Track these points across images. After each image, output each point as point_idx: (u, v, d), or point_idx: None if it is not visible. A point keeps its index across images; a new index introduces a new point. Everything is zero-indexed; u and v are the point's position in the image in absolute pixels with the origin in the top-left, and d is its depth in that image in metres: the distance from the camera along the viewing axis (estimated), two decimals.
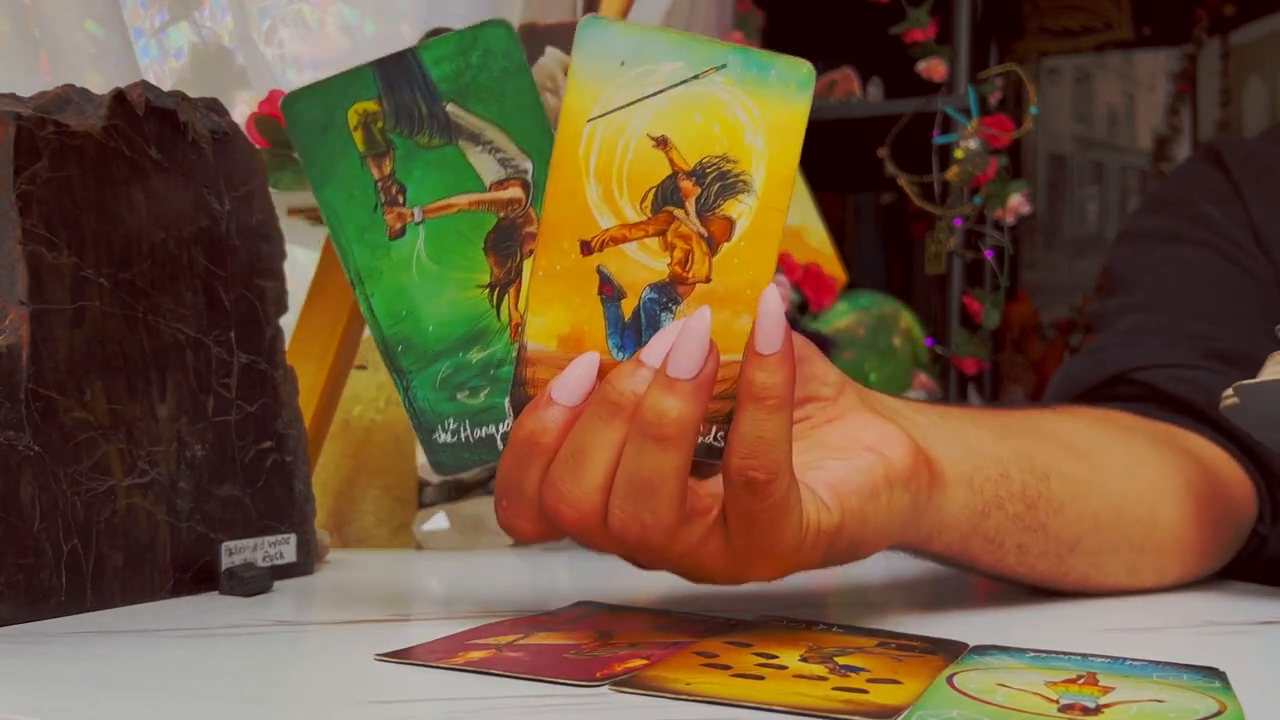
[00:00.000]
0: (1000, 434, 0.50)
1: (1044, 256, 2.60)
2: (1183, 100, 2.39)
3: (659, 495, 0.34)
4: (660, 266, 0.35)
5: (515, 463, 0.35)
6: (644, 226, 0.35)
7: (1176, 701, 0.33)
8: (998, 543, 0.47)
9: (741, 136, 0.35)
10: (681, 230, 0.35)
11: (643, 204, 0.35)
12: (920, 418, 0.46)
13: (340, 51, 0.90)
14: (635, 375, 0.34)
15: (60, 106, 0.41)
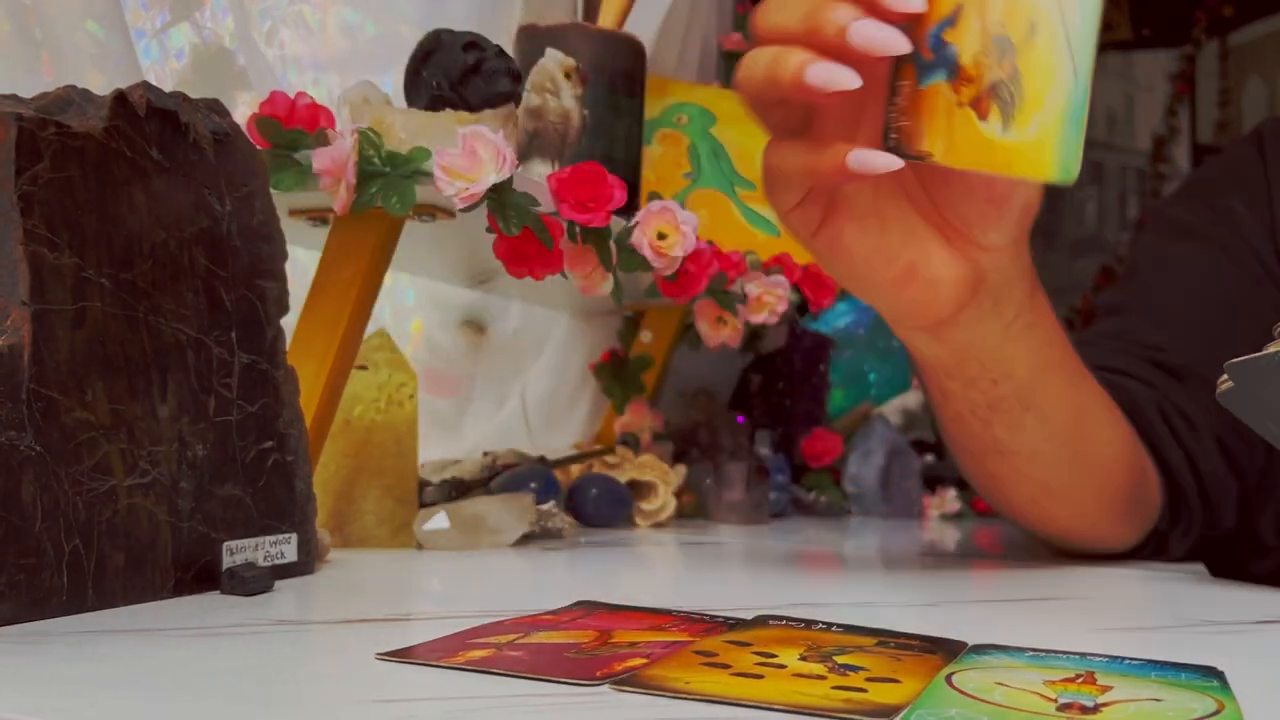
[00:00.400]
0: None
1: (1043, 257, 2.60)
2: (1181, 101, 2.39)
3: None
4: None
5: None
6: None
7: (1174, 701, 0.33)
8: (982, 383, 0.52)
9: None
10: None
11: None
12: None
13: (341, 52, 0.90)
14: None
15: (61, 107, 0.42)
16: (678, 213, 0.71)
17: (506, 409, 1.06)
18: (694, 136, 1.09)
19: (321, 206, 0.61)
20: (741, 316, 0.84)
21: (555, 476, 0.74)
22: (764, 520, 0.88)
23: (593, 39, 0.82)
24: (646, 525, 0.82)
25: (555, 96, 0.71)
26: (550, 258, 0.63)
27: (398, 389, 0.64)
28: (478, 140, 0.56)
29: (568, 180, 0.63)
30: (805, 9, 0.41)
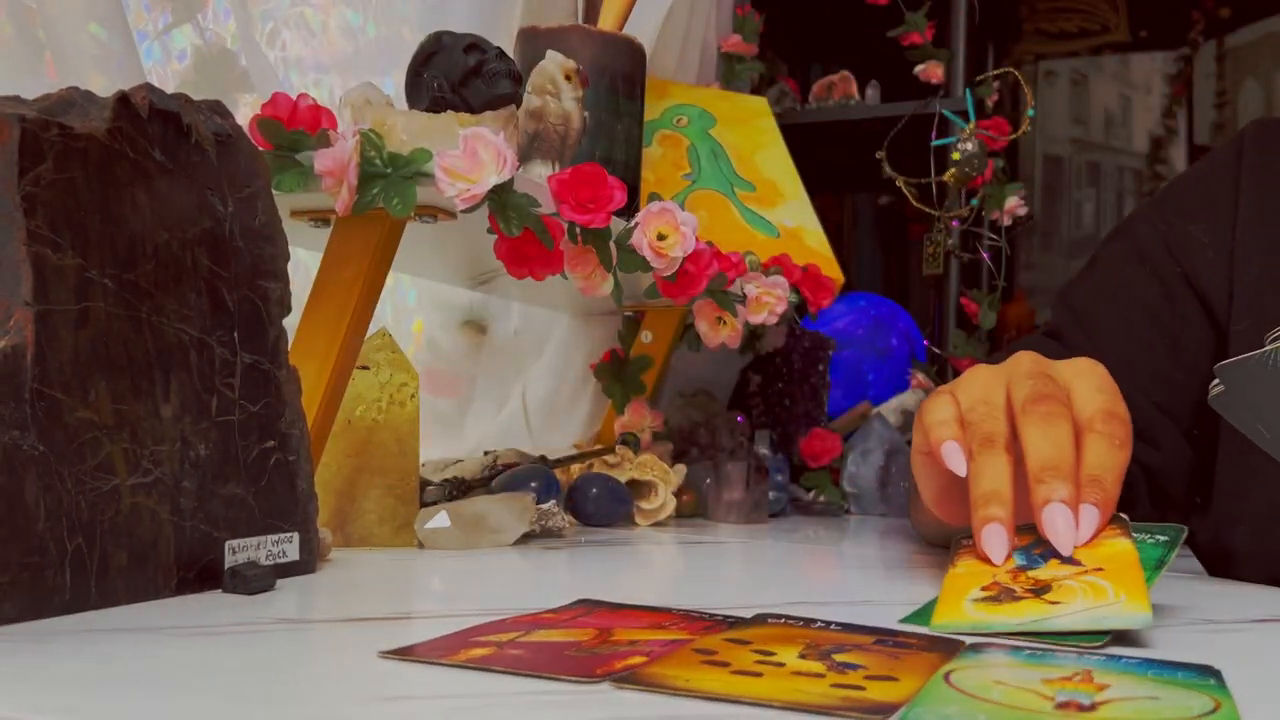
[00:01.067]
0: None
1: (1041, 258, 2.60)
2: (1178, 102, 2.39)
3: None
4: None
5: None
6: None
7: (1171, 699, 0.33)
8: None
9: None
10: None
11: None
12: None
13: (342, 54, 0.91)
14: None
15: (64, 109, 0.42)
16: (677, 214, 0.71)
17: (507, 409, 1.06)
18: (693, 138, 1.10)
19: (323, 207, 0.61)
20: (741, 317, 0.84)
21: (556, 476, 0.75)
22: (763, 519, 0.88)
23: (593, 41, 0.82)
24: (646, 524, 0.83)
25: (556, 98, 0.71)
26: (551, 258, 0.63)
27: (399, 389, 0.64)
28: (479, 142, 0.56)
29: (568, 181, 0.63)
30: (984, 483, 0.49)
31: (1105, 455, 0.48)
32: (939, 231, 1.19)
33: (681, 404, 1.06)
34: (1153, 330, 0.77)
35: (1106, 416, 0.49)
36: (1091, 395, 0.51)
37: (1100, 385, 0.51)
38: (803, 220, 1.08)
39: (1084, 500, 0.47)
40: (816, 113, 1.35)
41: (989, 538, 0.48)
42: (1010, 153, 1.62)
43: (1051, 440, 0.48)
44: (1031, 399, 0.49)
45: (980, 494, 0.48)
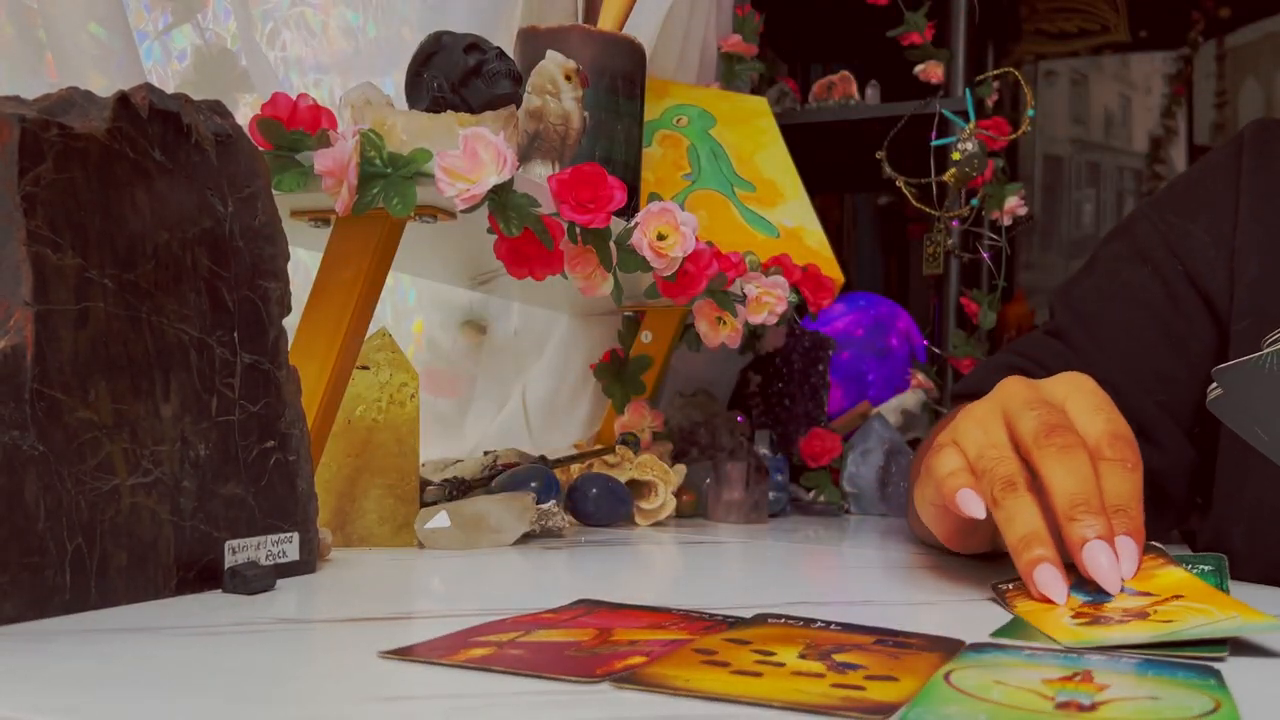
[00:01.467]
0: None
1: (1041, 257, 2.60)
2: (1178, 102, 2.39)
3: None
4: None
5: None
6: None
7: (1172, 699, 0.33)
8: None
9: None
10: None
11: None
12: None
13: (342, 54, 0.91)
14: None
15: (64, 109, 0.42)
16: (677, 214, 0.71)
17: (507, 409, 1.06)
18: (693, 138, 1.10)
19: (323, 207, 0.61)
20: (741, 317, 0.84)
21: (555, 476, 0.75)
22: (763, 519, 0.88)
23: (593, 41, 0.82)
24: (646, 524, 0.83)
25: (556, 98, 0.71)
26: (551, 258, 0.63)
27: (399, 389, 0.64)
28: (479, 142, 0.56)
29: (568, 181, 0.63)
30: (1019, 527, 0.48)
31: (1123, 482, 0.48)
32: (939, 231, 1.19)
33: (681, 404, 1.06)
34: (1156, 330, 0.77)
35: (1113, 440, 0.49)
36: (1091, 417, 0.50)
37: (1096, 404, 0.51)
38: (803, 220, 1.08)
39: (1116, 533, 0.46)
40: (816, 113, 1.35)
41: (1043, 579, 0.46)
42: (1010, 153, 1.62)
43: (1075, 473, 0.47)
44: (1043, 432, 0.49)
45: (1019, 538, 0.47)
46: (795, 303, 0.93)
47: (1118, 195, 2.55)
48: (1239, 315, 0.73)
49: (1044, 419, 0.49)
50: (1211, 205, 0.78)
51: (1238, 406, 0.53)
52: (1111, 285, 0.80)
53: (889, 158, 1.11)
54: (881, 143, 1.13)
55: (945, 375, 1.31)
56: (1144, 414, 0.76)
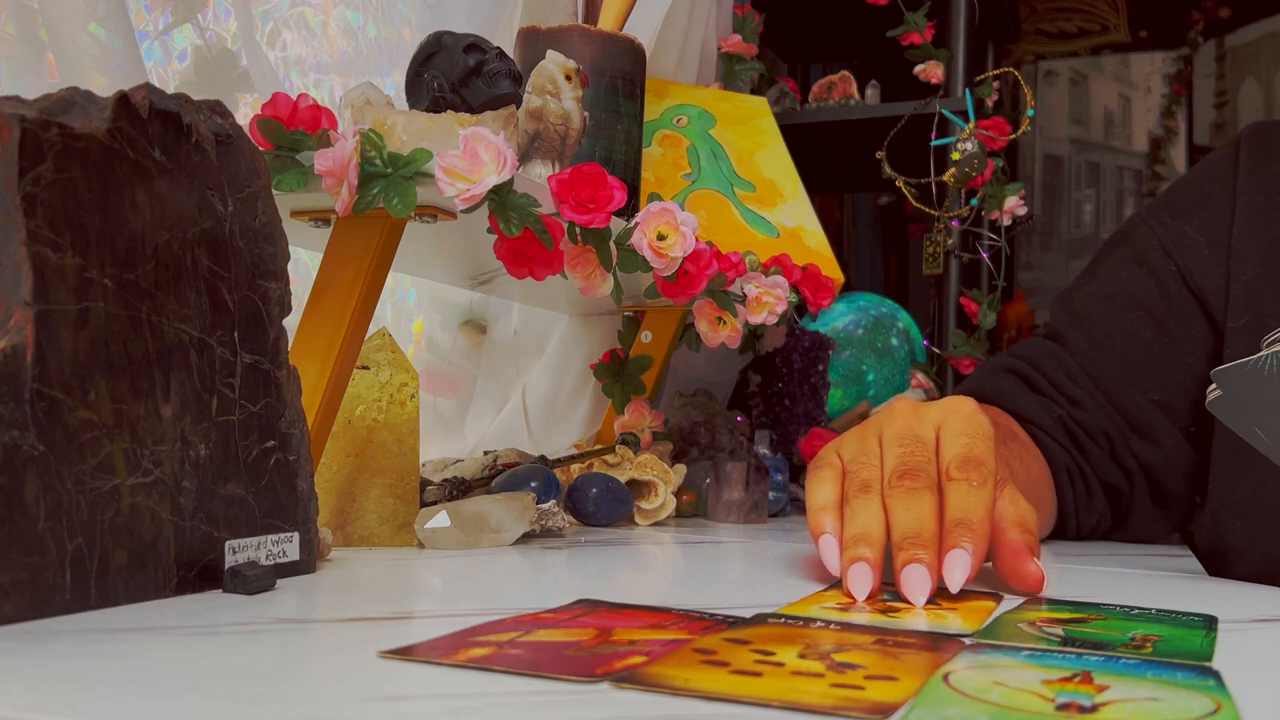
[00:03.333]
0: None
1: (1040, 257, 2.60)
2: (1178, 102, 2.39)
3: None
4: None
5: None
6: None
7: (1172, 700, 0.33)
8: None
9: None
10: None
11: None
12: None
13: (342, 54, 0.91)
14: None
15: (64, 109, 0.42)
16: (677, 213, 0.71)
17: (507, 409, 1.06)
18: (693, 138, 1.10)
19: (323, 207, 0.61)
20: (741, 317, 0.85)
21: (556, 476, 0.75)
22: (763, 519, 0.88)
23: (593, 41, 0.82)
24: (646, 524, 0.83)
25: (556, 98, 0.71)
26: (551, 258, 0.64)
27: (399, 389, 0.64)
28: (479, 142, 0.56)
29: (568, 181, 0.63)
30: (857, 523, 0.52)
31: (965, 498, 0.51)
32: (939, 231, 1.19)
33: (681, 404, 1.06)
34: (1151, 329, 0.79)
35: (962, 463, 0.52)
36: (951, 443, 0.53)
37: (960, 430, 0.54)
38: (802, 220, 1.08)
39: (952, 545, 0.49)
40: (816, 113, 1.35)
41: (855, 575, 0.50)
42: (1010, 153, 1.62)
43: (911, 511, 0.50)
44: (896, 474, 0.52)
45: (850, 535, 0.51)
46: (795, 303, 0.93)
47: (1118, 195, 2.55)
48: (1236, 313, 0.74)
49: (902, 460, 0.53)
50: (1207, 207, 0.79)
51: (1237, 407, 0.54)
52: (1109, 288, 0.82)
53: (889, 158, 1.11)
54: (881, 143, 1.13)
55: (945, 375, 1.31)
56: (1140, 412, 0.79)
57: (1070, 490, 0.81)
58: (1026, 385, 0.82)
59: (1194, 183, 0.82)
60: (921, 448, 0.54)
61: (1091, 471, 0.81)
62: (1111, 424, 0.80)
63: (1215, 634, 0.44)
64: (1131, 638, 0.42)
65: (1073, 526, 0.81)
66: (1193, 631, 0.44)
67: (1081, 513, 0.81)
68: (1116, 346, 0.80)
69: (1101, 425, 0.80)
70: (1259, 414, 0.54)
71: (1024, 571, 0.52)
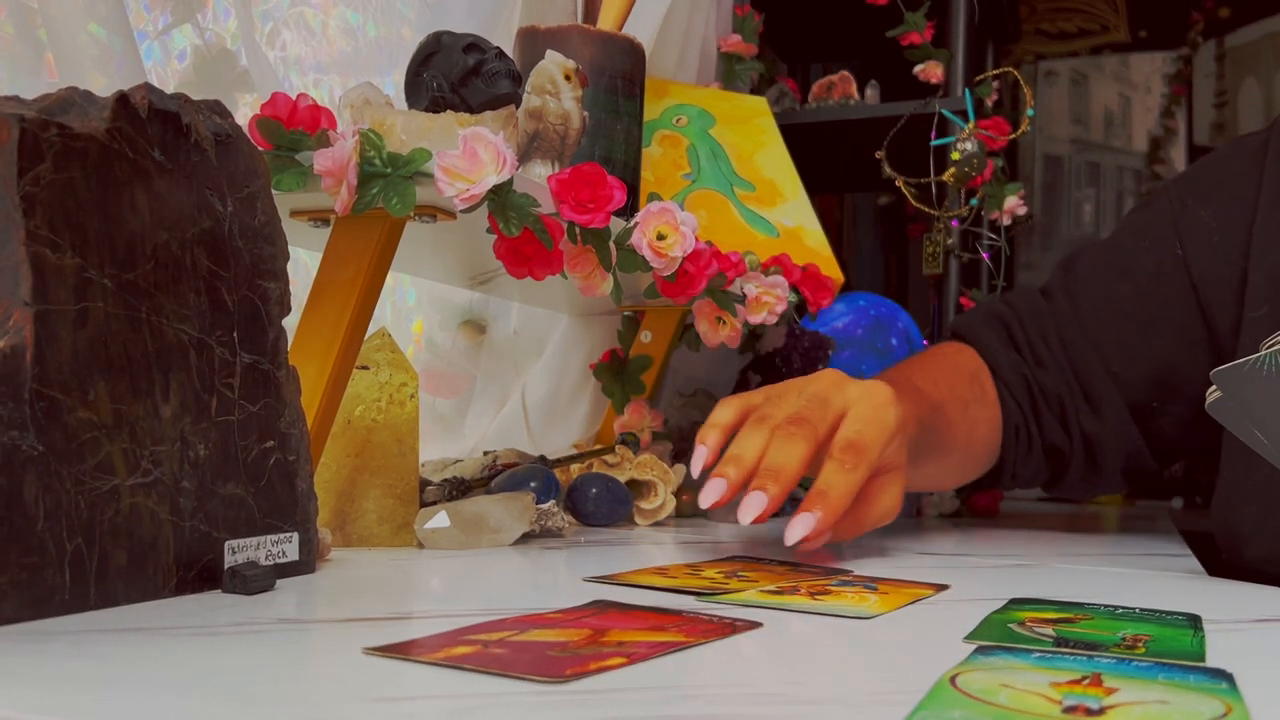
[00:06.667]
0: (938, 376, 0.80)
1: (1040, 257, 2.60)
2: (1178, 102, 2.39)
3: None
4: None
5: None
6: None
7: (1181, 703, 0.33)
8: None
9: None
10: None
11: None
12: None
13: (342, 54, 0.91)
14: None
15: (64, 109, 0.42)
16: (677, 213, 0.71)
17: (507, 409, 1.06)
18: (693, 138, 1.09)
19: (323, 207, 0.61)
20: (740, 316, 0.84)
21: (555, 476, 0.74)
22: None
23: (593, 41, 0.82)
24: (646, 524, 0.82)
25: (555, 98, 0.71)
26: (550, 258, 0.63)
27: (399, 389, 0.64)
28: (478, 141, 0.56)
29: (568, 181, 0.63)
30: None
31: (833, 474, 0.60)
32: (939, 231, 1.19)
33: (681, 404, 1.06)
34: (1132, 303, 0.82)
35: (844, 446, 0.61)
36: (848, 424, 0.61)
37: (862, 415, 0.62)
38: (802, 220, 1.08)
39: (805, 509, 0.58)
40: (816, 113, 1.35)
41: (711, 486, 0.59)
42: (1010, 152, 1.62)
43: (784, 453, 0.59)
44: (788, 420, 0.61)
45: (728, 454, 0.60)
46: (795, 302, 0.93)
47: (1118, 195, 2.55)
48: (1256, 302, 0.74)
49: (799, 410, 0.61)
50: (1226, 190, 0.79)
51: (1236, 409, 0.54)
52: (1109, 254, 0.85)
53: (889, 158, 1.11)
54: (881, 143, 1.13)
55: None
56: (1094, 382, 0.83)
57: (1014, 445, 0.85)
58: (1007, 337, 0.87)
59: (1219, 163, 0.83)
60: (822, 408, 0.61)
61: (1038, 432, 0.85)
62: (1067, 390, 0.83)
63: (1203, 633, 0.44)
64: (1122, 638, 0.42)
65: (1008, 477, 0.86)
66: (1180, 631, 0.44)
67: (1019, 465, 0.85)
68: (1093, 311, 0.83)
69: (1057, 390, 0.84)
70: (1258, 415, 0.54)
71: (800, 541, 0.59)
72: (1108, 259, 0.84)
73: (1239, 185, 0.78)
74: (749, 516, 0.57)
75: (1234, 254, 0.76)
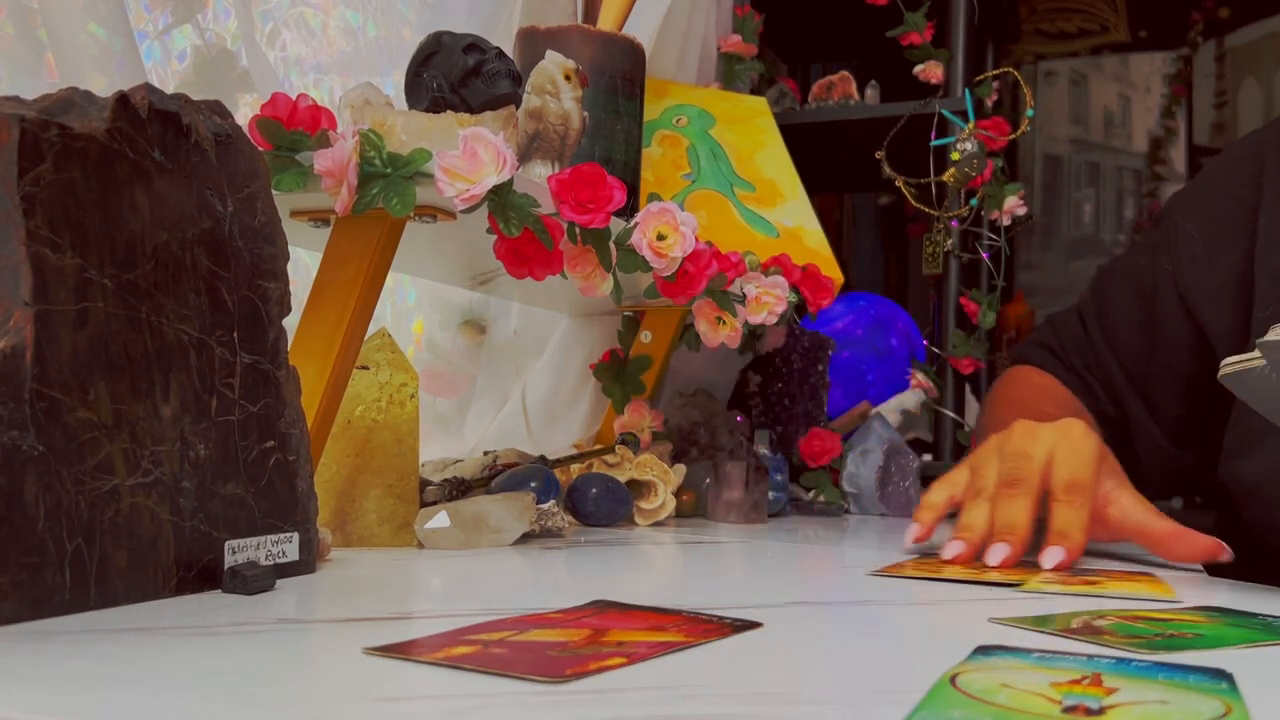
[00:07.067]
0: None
1: (1040, 257, 2.60)
2: (1178, 102, 2.39)
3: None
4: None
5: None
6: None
7: (1181, 703, 0.33)
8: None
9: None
10: None
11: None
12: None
13: (342, 55, 0.91)
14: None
15: (64, 109, 0.42)
16: (677, 214, 0.71)
17: (507, 409, 1.06)
18: (693, 138, 1.10)
19: (323, 207, 0.61)
20: (740, 317, 0.84)
21: (555, 476, 0.74)
22: (762, 519, 0.88)
23: (593, 41, 0.82)
24: (646, 524, 0.82)
25: (555, 98, 0.71)
26: (550, 258, 0.63)
27: (399, 389, 0.64)
28: (478, 142, 0.56)
29: (568, 181, 0.63)
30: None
31: (1066, 515, 0.63)
32: (938, 231, 1.19)
33: (681, 404, 1.06)
34: (1140, 313, 0.89)
35: (1067, 487, 0.64)
36: (1059, 467, 0.65)
37: (1069, 454, 0.65)
38: (802, 220, 1.08)
39: (1052, 544, 0.62)
40: (816, 113, 1.35)
41: (952, 546, 0.64)
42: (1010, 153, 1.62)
43: (1008, 512, 0.64)
44: (1001, 483, 0.65)
45: (960, 525, 0.65)
46: (795, 303, 0.93)
47: (1117, 195, 2.55)
48: (1261, 303, 0.75)
49: (1006, 473, 0.66)
50: (1217, 200, 0.80)
51: (1250, 397, 0.56)
52: (1125, 272, 0.91)
53: (889, 158, 1.11)
54: (881, 143, 1.13)
55: (945, 375, 1.31)
56: (1111, 376, 0.91)
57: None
58: (1062, 367, 0.95)
59: (1212, 170, 0.86)
60: (1026, 462, 0.65)
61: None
62: (1108, 418, 0.89)
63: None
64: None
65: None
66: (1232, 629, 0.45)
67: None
68: (1111, 320, 0.91)
69: (1102, 413, 0.91)
70: (1270, 409, 0.55)
71: (1199, 544, 0.63)
72: (1124, 278, 0.90)
73: (1231, 192, 0.80)
74: (995, 560, 0.62)
75: (1223, 261, 0.78)
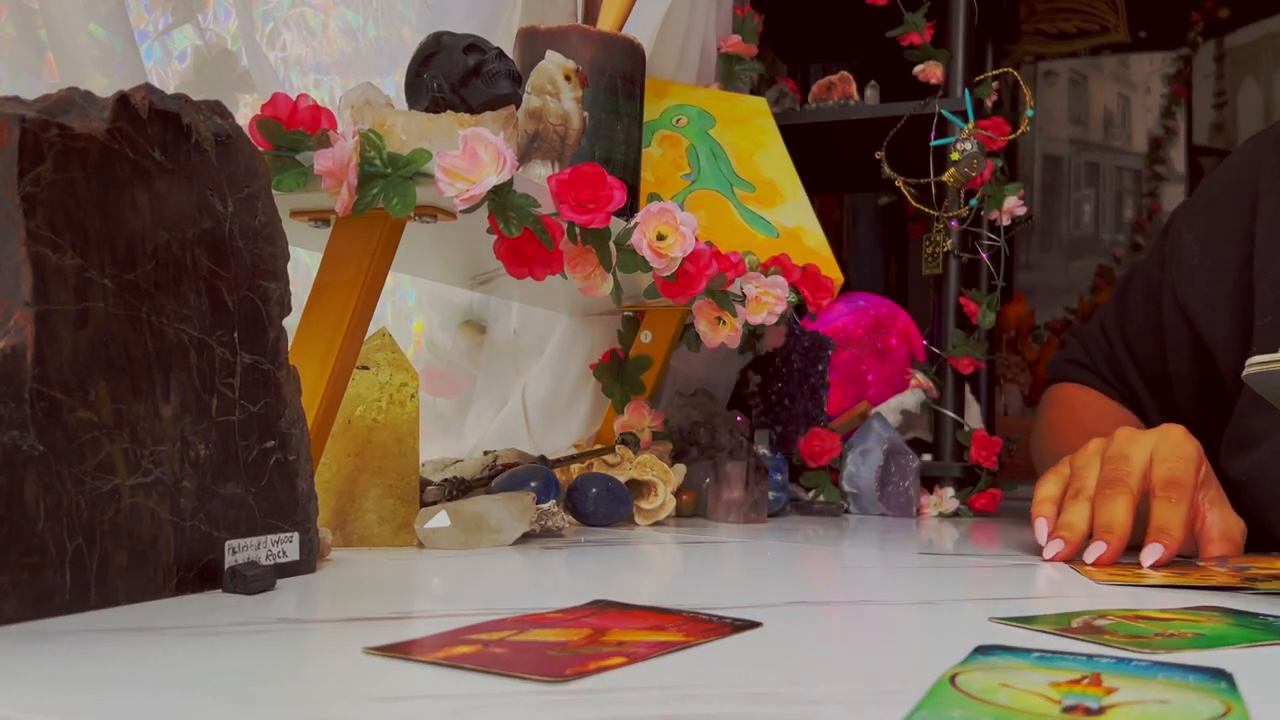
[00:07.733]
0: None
1: (1040, 257, 2.60)
2: (1178, 102, 2.39)
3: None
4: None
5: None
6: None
7: (1181, 703, 0.33)
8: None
9: None
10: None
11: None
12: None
13: (343, 55, 0.91)
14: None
15: (64, 109, 0.42)
16: (677, 214, 0.71)
17: (507, 409, 1.06)
18: (693, 138, 1.10)
19: (323, 208, 0.61)
20: (740, 317, 0.84)
21: (555, 476, 0.74)
22: (762, 519, 0.88)
23: (593, 41, 0.82)
24: (646, 524, 0.82)
25: (555, 98, 0.71)
26: (550, 259, 0.63)
27: (399, 389, 0.64)
28: (478, 142, 0.56)
29: (568, 181, 0.63)
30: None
31: (1164, 511, 0.66)
32: (938, 231, 1.19)
33: (681, 404, 1.06)
34: (1150, 319, 0.92)
35: (1165, 484, 0.66)
36: (1158, 466, 0.67)
37: (1165, 454, 0.68)
38: (802, 220, 1.08)
39: (1151, 542, 0.64)
40: (816, 113, 1.35)
41: (1053, 545, 0.67)
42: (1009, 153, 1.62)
43: (1108, 511, 0.66)
44: (1101, 483, 0.68)
45: (1061, 523, 0.68)
46: (795, 303, 0.93)
47: (1117, 195, 2.55)
48: (1263, 310, 0.76)
49: (1106, 473, 0.68)
50: (1215, 208, 0.81)
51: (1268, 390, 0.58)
52: (1139, 276, 0.96)
53: (888, 158, 1.11)
54: (881, 143, 1.13)
55: (945, 375, 1.31)
56: (1132, 382, 0.95)
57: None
58: (1094, 374, 1.00)
59: (1212, 178, 0.90)
60: (1126, 464, 0.68)
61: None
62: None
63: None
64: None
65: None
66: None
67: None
68: (1128, 325, 0.94)
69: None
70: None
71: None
72: (1139, 286, 0.94)
73: (1227, 200, 0.81)
74: (1092, 557, 0.65)
75: (1220, 270, 0.79)
